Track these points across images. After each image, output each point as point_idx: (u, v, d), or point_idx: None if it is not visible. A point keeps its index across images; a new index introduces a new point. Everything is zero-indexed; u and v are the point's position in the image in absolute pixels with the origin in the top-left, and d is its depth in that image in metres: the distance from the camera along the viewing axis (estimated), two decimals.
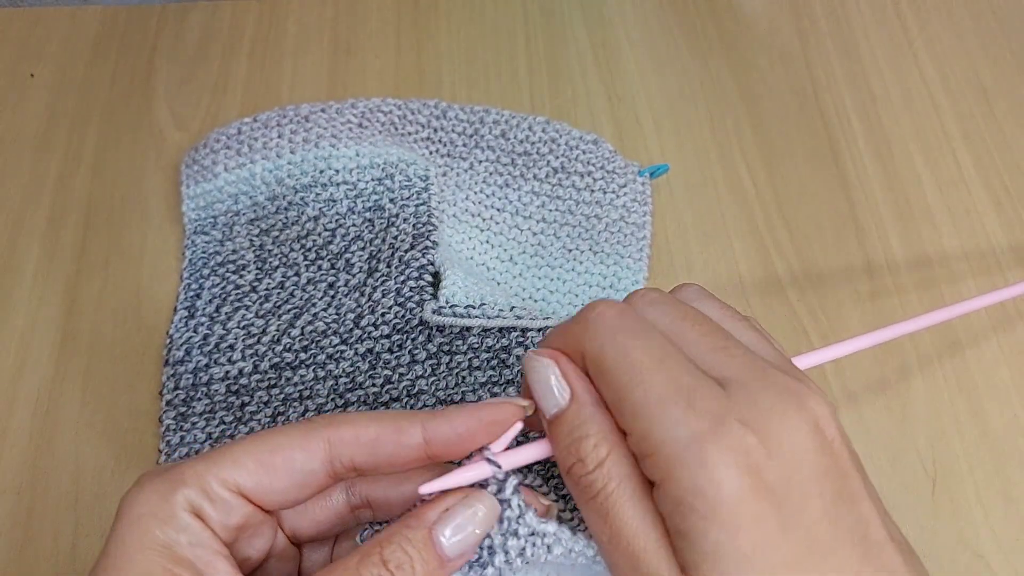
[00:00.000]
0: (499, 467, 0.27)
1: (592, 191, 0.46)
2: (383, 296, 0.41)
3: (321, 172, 0.45)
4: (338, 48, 0.54)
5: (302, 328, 0.41)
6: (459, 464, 0.28)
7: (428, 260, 0.41)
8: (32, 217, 0.47)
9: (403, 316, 0.40)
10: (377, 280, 0.42)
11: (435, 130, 0.49)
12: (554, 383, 0.27)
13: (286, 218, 0.45)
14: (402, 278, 0.41)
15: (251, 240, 0.45)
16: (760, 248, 0.46)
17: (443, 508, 0.26)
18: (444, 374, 0.39)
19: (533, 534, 0.27)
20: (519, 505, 0.27)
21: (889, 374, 0.42)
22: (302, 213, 0.45)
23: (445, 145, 0.49)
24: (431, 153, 0.48)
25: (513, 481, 0.27)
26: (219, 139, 0.47)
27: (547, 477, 0.35)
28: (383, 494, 0.30)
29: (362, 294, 0.42)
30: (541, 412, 0.28)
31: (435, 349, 0.40)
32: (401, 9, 0.56)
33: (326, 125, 0.47)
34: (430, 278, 0.41)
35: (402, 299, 0.41)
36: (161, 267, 0.46)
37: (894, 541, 0.25)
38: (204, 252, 0.45)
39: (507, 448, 0.28)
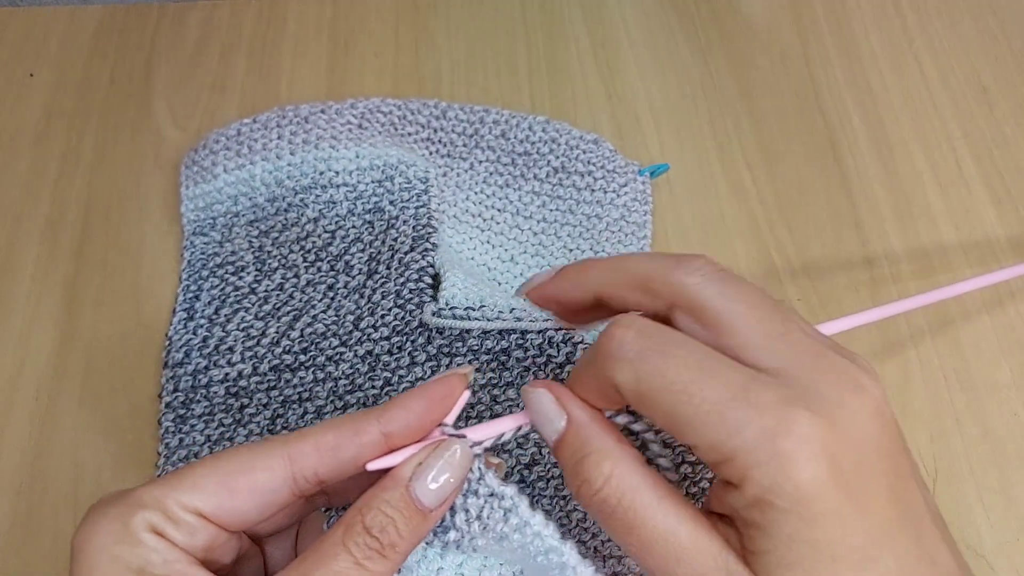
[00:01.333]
0: (463, 437, 0.28)
1: (592, 191, 0.46)
2: (383, 298, 0.41)
3: (321, 174, 0.45)
4: (337, 47, 0.54)
5: (301, 330, 0.41)
6: None
7: (428, 262, 0.41)
8: (31, 217, 0.47)
9: (403, 318, 0.40)
10: (377, 282, 0.42)
11: (435, 130, 0.49)
12: (549, 410, 0.27)
13: (286, 220, 0.45)
14: (402, 280, 0.41)
15: (250, 242, 0.45)
16: (760, 247, 0.46)
17: (416, 463, 0.26)
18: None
19: (492, 495, 0.28)
20: (479, 468, 0.28)
21: (889, 372, 0.42)
22: (302, 215, 0.45)
23: (445, 145, 0.49)
24: (431, 153, 0.48)
25: (476, 448, 0.28)
26: (218, 140, 0.47)
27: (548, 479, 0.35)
28: (341, 484, 0.29)
29: (362, 296, 0.42)
30: (548, 443, 0.28)
31: (435, 351, 0.40)
32: (400, 8, 0.56)
33: (326, 126, 0.47)
34: (430, 280, 0.41)
35: (402, 301, 0.41)
36: (160, 266, 0.45)
37: (934, 518, 0.25)
38: (203, 253, 0.45)
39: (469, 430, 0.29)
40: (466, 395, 0.28)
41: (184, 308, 0.43)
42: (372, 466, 0.26)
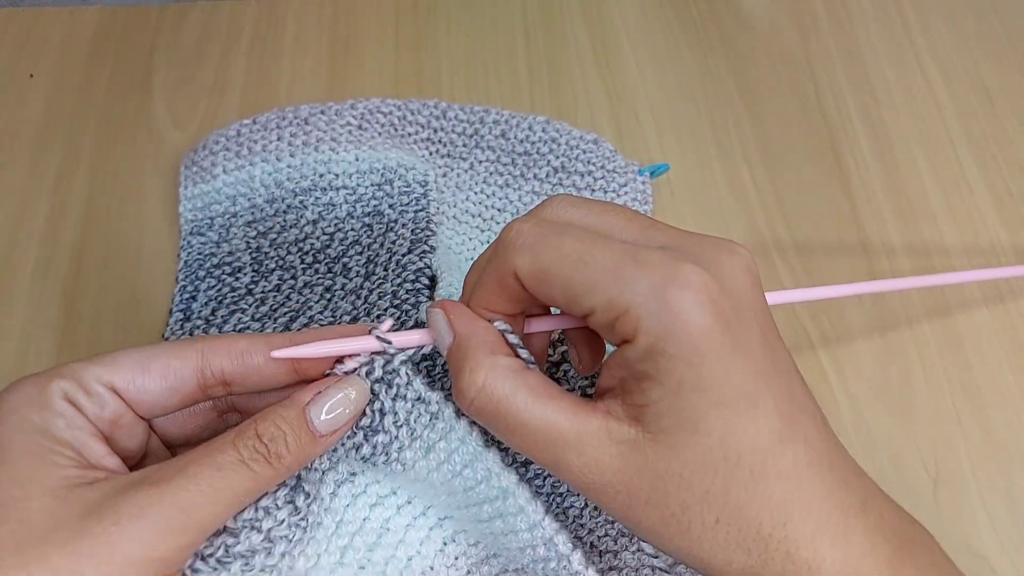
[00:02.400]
0: (389, 343, 0.30)
1: (593, 190, 0.46)
2: (379, 299, 0.41)
3: (321, 176, 0.45)
4: (337, 48, 0.54)
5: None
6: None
7: (425, 264, 0.41)
8: (31, 217, 0.47)
9: (399, 318, 0.40)
10: (374, 284, 0.42)
11: (435, 131, 0.49)
12: (441, 328, 0.29)
13: (284, 221, 0.45)
14: (399, 281, 0.41)
15: (248, 242, 0.44)
16: (761, 247, 0.46)
17: (316, 391, 0.29)
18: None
19: (419, 399, 0.30)
20: (407, 373, 0.29)
21: (891, 375, 0.42)
22: (301, 216, 0.45)
23: (445, 146, 0.48)
24: (431, 154, 0.48)
25: (402, 356, 0.30)
26: (218, 141, 0.47)
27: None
28: (249, 401, 0.32)
29: (358, 297, 0.42)
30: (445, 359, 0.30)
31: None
32: (400, 9, 0.56)
33: (325, 128, 0.46)
34: (427, 281, 0.41)
35: (398, 301, 0.40)
36: (159, 267, 0.45)
37: (802, 384, 0.27)
38: (200, 253, 0.44)
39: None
40: (387, 323, 0.30)
41: (180, 309, 0.43)
42: (276, 354, 0.29)
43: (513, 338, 0.29)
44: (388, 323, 0.31)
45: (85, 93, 0.52)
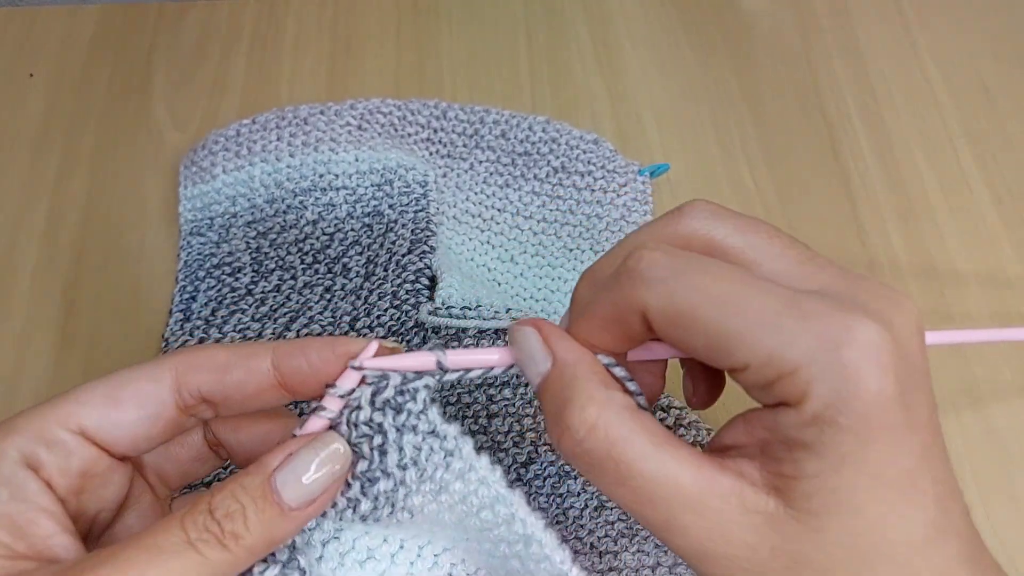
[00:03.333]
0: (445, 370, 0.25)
1: (593, 191, 0.46)
2: (379, 299, 0.41)
3: (321, 176, 0.45)
4: (337, 47, 0.54)
5: (298, 332, 0.41)
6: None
7: (425, 264, 0.41)
8: (31, 217, 0.47)
9: (398, 319, 0.40)
10: (374, 284, 0.42)
11: (435, 131, 0.49)
12: (534, 350, 0.25)
13: (284, 221, 0.45)
14: (399, 281, 0.41)
15: (247, 242, 0.44)
16: None
17: (287, 452, 0.24)
18: (439, 376, 0.39)
19: (433, 432, 0.25)
20: (424, 400, 0.25)
21: None
22: (301, 217, 0.45)
23: (445, 146, 0.48)
24: (431, 154, 0.48)
25: (428, 380, 0.25)
26: (218, 141, 0.47)
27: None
28: (235, 437, 0.28)
29: (358, 297, 0.42)
30: (533, 387, 0.25)
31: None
32: (401, 8, 0.56)
33: (325, 128, 0.46)
34: (427, 282, 0.41)
35: (398, 302, 0.41)
36: (160, 267, 0.45)
37: (948, 460, 0.24)
38: (199, 254, 0.44)
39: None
40: (373, 346, 0.25)
41: (180, 309, 0.43)
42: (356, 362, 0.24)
43: (621, 371, 0.25)
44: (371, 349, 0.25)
45: (85, 93, 0.52)
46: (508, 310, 0.40)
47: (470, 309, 0.39)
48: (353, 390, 0.25)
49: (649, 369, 0.27)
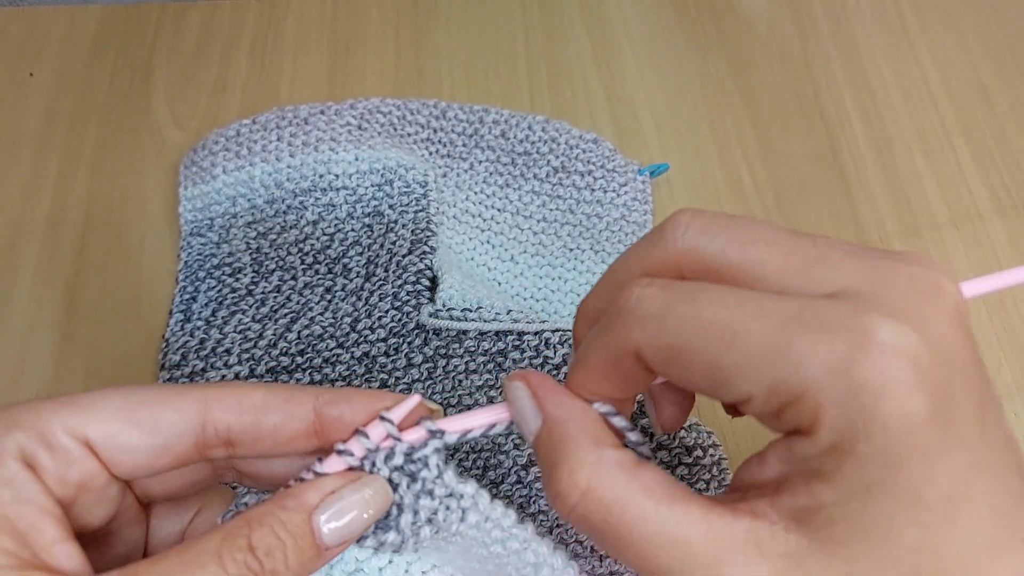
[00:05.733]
0: (441, 432, 0.24)
1: (592, 190, 0.46)
2: (380, 300, 0.41)
3: (321, 177, 0.45)
4: (337, 47, 0.54)
5: (299, 332, 0.41)
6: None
7: (426, 265, 0.41)
8: (31, 217, 0.47)
9: (400, 320, 0.40)
10: (374, 284, 0.42)
11: (435, 130, 0.49)
12: (525, 408, 0.23)
13: (284, 222, 0.45)
14: (399, 282, 0.41)
15: (248, 243, 0.45)
16: None
17: (328, 490, 0.23)
18: (440, 377, 0.39)
19: (450, 495, 0.24)
20: (438, 465, 0.24)
21: None
22: (301, 217, 0.45)
23: (445, 145, 0.49)
24: (431, 154, 0.48)
25: (436, 443, 0.24)
26: (218, 141, 0.47)
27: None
28: (254, 467, 0.26)
29: (359, 298, 0.42)
30: (529, 446, 0.24)
31: (431, 352, 0.40)
32: (400, 8, 0.56)
33: (325, 128, 0.47)
34: (427, 283, 0.41)
35: (399, 303, 0.41)
36: (160, 267, 0.46)
37: (1021, 462, 0.21)
38: (200, 254, 0.45)
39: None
40: (415, 398, 0.25)
41: (181, 310, 0.43)
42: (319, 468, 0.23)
43: (619, 421, 0.24)
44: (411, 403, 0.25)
45: (86, 92, 0.52)
46: (509, 311, 0.40)
47: (471, 311, 0.39)
48: (377, 447, 0.24)
49: (672, 400, 0.25)
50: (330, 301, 0.42)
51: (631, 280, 0.22)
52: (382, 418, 0.24)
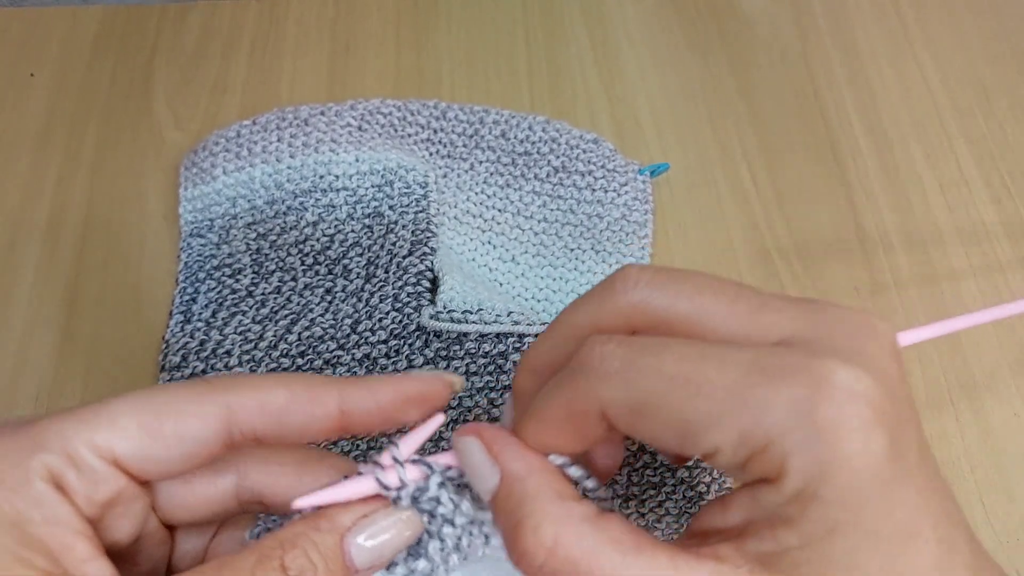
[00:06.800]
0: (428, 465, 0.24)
1: (593, 190, 0.46)
2: (380, 301, 0.41)
3: (321, 178, 0.45)
4: (337, 48, 0.54)
5: (299, 333, 0.41)
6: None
7: (426, 266, 0.41)
8: (31, 218, 0.47)
9: (400, 321, 0.40)
10: (375, 286, 0.42)
11: (435, 131, 0.49)
12: (479, 463, 0.23)
13: (284, 223, 0.45)
14: (400, 284, 0.41)
15: (248, 244, 0.44)
16: (760, 247, 0.46)
17: (360, 514, 0.23)
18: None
19: (472, 523, 0.24)
20: (450, 499, 0.24)
21: None
22: (301, 218, 0.45)
23: (445, 146, 0.49)
24: (431, 154, 0.48)
25: (437, 479, 0.24)
26: (218, 142, 0.47)
27: None
28: (281, 492, 0.25)
29: (359, 300, 0.42)
30: (485, 504, 0.24)
31: (432, 354, 0.40)
32: (401, 9, 0.56)
33: (325, 129, 0.47)
34: (428, 284, 0.41)
35: (400, 304, 0.41)
36: (160, 268, 0.46)
37: (946, 485, 0.22)
38: (200, 255, 0.45)
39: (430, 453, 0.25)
40: (438, 420, 0.25)
41: (181, 311, 0.43)
42: (298, 504, 0.23)
43: (576, 471, 0.24)
44: (435, 422, 0.25)
45: (86, 93, 0.52)
46: (510, 313, 0.40)
47: (471, 313, 0.39)
48: (398, 489, 0.24)
49: (608, 452, 0.26)
50: (330, 302, 0.42)
51: (581, 335, 0.23)
52: (394, 459, 0.24)
